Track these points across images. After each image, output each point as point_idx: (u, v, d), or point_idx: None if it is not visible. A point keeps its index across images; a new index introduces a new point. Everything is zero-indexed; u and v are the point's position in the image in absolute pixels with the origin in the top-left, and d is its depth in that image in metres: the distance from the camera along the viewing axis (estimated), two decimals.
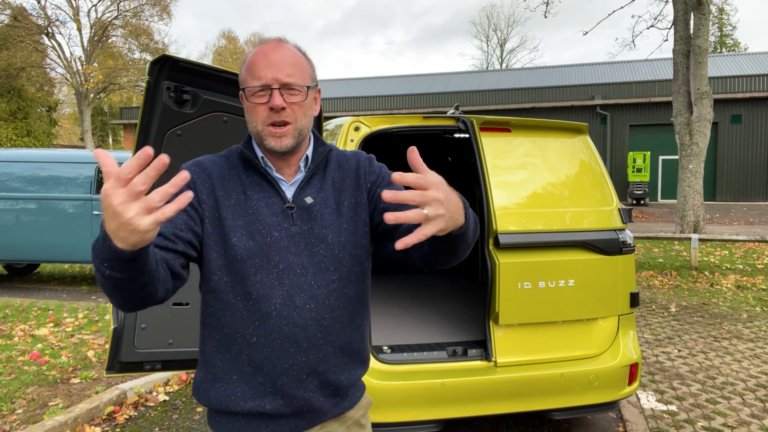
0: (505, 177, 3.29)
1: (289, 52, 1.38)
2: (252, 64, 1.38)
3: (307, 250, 1.38)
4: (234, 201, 1.38)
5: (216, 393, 1.40)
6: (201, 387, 1.44)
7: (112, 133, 50.94)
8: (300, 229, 1.39)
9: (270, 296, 1.35)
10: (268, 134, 1.36)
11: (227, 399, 1.39)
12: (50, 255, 8.62)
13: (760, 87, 23.81)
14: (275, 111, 1.34)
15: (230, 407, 1.39)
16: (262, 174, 1.41)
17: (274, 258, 1.36)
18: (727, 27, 47.74)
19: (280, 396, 1.38)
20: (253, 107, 1.36)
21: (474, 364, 3.12)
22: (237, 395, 1.38)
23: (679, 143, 12.78)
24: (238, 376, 1.38)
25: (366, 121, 3.24)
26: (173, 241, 1.28)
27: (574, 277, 3.20)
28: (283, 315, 1.35)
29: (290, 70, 1.35)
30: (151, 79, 2.57)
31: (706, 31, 12.45)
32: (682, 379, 4.79)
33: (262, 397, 1.37)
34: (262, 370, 1.36)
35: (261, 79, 1.34)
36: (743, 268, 10.19)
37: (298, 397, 1.39)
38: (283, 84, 1.34)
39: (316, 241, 1.39)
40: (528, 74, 32.86)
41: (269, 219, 1.37)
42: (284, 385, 1.37)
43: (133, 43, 36.51)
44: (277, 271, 1.36)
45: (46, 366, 4.79)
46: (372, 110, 28.67)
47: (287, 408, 1.39)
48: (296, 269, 1.37)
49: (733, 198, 24.31)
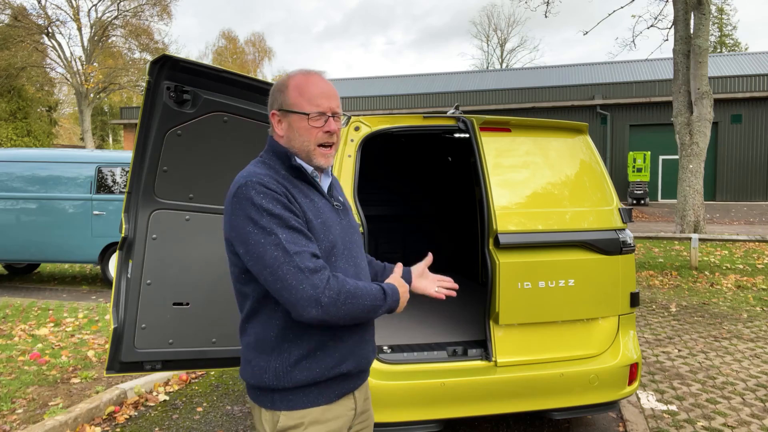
0: (505, 177, 3.29)
1: (332, 85, 1.69)
2: (307, 92, 1.63)
3: (351, 238, 1.73)
4: (306, 206, 1.63)
5: (301, 371, 1.60)
6: (281, 372, 1.60)
7: (112, 132, 50.94)
8: (345, 221, 1.74)
9: (347, 277, 1.62)
10: (319, 154, 1.65)
11: (312, 373, 1.60)
12: (50, 255, 8.62)
13: (760, 87, 23.81)
14: (329, 134, 1.64)
15: (315, 379, 1.61)
16: (310, 182, 1.68)
17: (341, 246, 1.67)
18: (727, 27, 47.74)
19: (354, 359, 1.67)
20: (310, 129, 1.63)
21: (474, 364, 3.12)
22: (321, 367, 1.61)
23: (679, 143, 12.78)
24: (321, 352, 1.61)
25: (366, 120, 3.24)
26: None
27: (574, 277, 3.20)
28: None
29: (338, 101, 1.67)
30: (152, 78, 2.57)
31: (706, 31, 12.44)
32: (682, 378, 4.79)
33: (341, 363, 1.64)
34: (343, 340, 1.64)
35: (319, 107, 1.62)
36: (743, 267, 10.19)
37: (364, 357, 1.72)
38: (334, 113, 1.64)
39: (353, 230, 1.76)
40: (528, 74, 32.85)
41: (332, 217, 1.68)
42: (360, 349, 1.69)
43: (133, 43, 36.50)
44: (345, 256, 1.67)
45: (47, 366, 4.79)
46: (372, 110, 28.68)
47: (358, 368, 1.70)
48: (353, 253, 1.71)
49: (733, 198, 24.31)
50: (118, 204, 8.37)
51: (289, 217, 1.53)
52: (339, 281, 1.53)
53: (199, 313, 2.95)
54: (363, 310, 1.57)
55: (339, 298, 1.51)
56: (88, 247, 8.48)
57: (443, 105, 26.92)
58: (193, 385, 4.66)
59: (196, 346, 2.99)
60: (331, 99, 1.63)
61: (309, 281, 1.48)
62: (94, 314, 6.76)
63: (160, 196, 2.84)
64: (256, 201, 1.51)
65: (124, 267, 2.87)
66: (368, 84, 33.76)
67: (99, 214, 8.43)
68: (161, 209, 2.86)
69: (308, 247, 1.52)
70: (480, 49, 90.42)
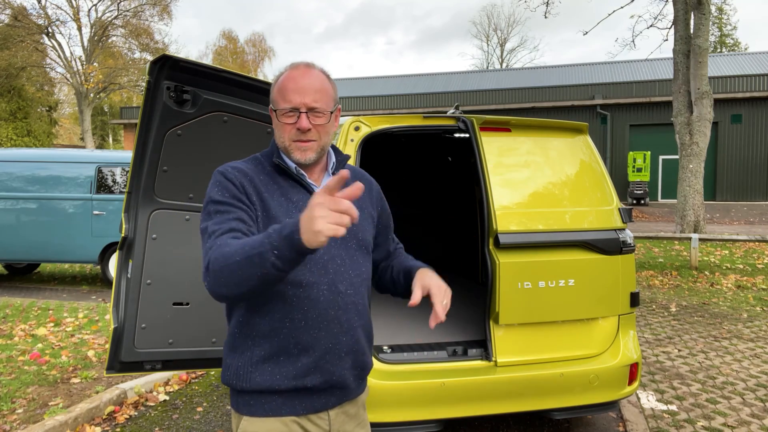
0: (505, 177, 3.28)
1: (316, 79, 1.56)
2: (283, 87, 1.55)
3: (344, 244, 1.59)
4: (278, 203, 1.55)
5: (261, 374, 1.52)
6: (241, 372, 1.54)
7: (112, 132, 50.93)
8: None
9: (318, 283, 1.53)
10: (294, 148, 1.56)
11: (272, 379, 1.52)
12: (50, 255, 8.62)
13: (760, 87, 23.80)
14: (301, 131, 1.53)
15: (274, 386, 1.52)
16: (297, 180, 1.60)
17: (319, 250, 1.43)
18: (727, 27, 47.73)
19: (321, 373, 1.54)
20: (283, 126, 1.56)
21: (474, 364, 3.12)
22: (283, 374, 1.52)
23: (679, 143, 12.78)
24: (284, 357, 1.52)
25: (366, 120, 3.23)
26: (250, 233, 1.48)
27: (574, 277, 3.20)
28: (330, 300, 1.54)
29: (316, 96, 1.54)
30: (152, 78, 2.57)
31: (706, 31, 12.44)
32: (682, 378, 4.79)
33: (305, 375, 1.53)
34: (308, 350, 1.52)
35: (291, 103, 1.53)
36: (743, 267, 10.19)
37: (337, 374, 1.56)
38: (310, 108, 1.53)
39: (350, 237, 1.60)
40: (528, 74, 32.84)
41: None
42: (327, 363, 1.54)
43: (134, 43, 36.49)
44: (323, 261, 1.54)
45: (47, 366, 4.79)
46: (372, 110, 28.67)
47: (327, 384, 1.56)
48: (337, 260, 1.57)
49: (733, 198, 24.30)
50: (118, 204, 8.37)
51: (231, 203, 1.46)
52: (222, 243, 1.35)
53: (199, 313, 2.95)
54: (241, 263, 1.27)
55: (219, 258, 1.32)
56: (88, 247, 8.48)
57: (443, 105, 26.91)
58: (193, 385, 4.66)
59: (196, 346, 2.99)
60: (306, 94, 1.52)
61: (207, 255, 1.38)
62: (94, 314, 6.76)
63: (160, 196, 2.84)
64: (209, 189, 1.53)
65: (124, 267, 2.87)
66: (368, 84, 33.75)
67: (99, 214, 8.43)
68: (161, 209, 2.86)
69: (226, 224, 1.41)
70: (480, 49, 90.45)
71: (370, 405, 2.89)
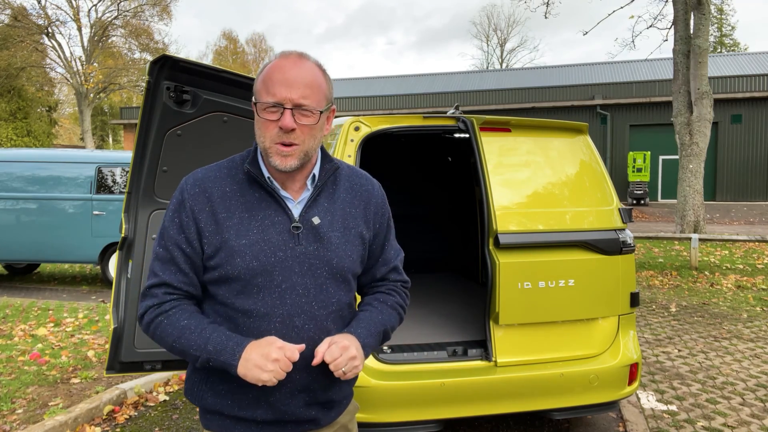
0: (505, 177, 3.29)
1: (308, 71, 1.34)
2: (268, 78, 1.34)
3: (311, 271, 1.39)
4: (237, 221, 1.38)
5: (213, 396, 1.44)
6: (196, 389, 1.48)
7: (112, 133, 50.93)
8: (305, 249, 1.39)
9: (271, 315, 1.37)
10: (275, 152, 1.34)
11: (224, 403, 1.43)
12: (50, 255, 8.62)
13: (760, 87, 23.81)
14: (284, 131, 1.32)
15: (224, 411, 1.43)
16: (269, 192, 1.40)
17: (277, 278, 1.37)
18: (726, 27, 47.72)
19: (272, 409, 1.41)
20: (264, 123, 1.34)
21: (474, 364, 3.12)
22: (234, 401, 1.42)
23: (679, 143, 12.78)
24: (237, 385, 1.39)
25: (366, 120, 3.23)
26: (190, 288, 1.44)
27: (574, 277, 3.20)
28: (282, 334, 1.36)
29: (305, 91, 1.32)
30: (151, 79, 2.57)
31: (706, 31, 12.44)
32: (682, 379, 4.79)
33: (254, 407, 1.41)
34: (257, 384, 1.33)
35: (275, 96, 1.31)
36: (743, 267, 10.19)
37: (289, 412, 1.43)
38: (296, 105, 1.32)
39: (320, 263, 1.40)
40: (528, 74, 32.85)
41: (275, 238, 1.37)
42: (276, 401, 1.41)
43: (134, 43, 36.51)
44: (280, 290, 1.37)
45: (46, 366, 4.79)
46: (372, 110, 28.66)
47: (276, 419, 1.43)
48: (298, 289, 1.38)
49: (733, 198, 24.31)
50: (118, 204, 8.36)
51: (172, 248, 1.39)
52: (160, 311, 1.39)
53: None
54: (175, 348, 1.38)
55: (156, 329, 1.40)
56: (88, 247, 8.48)
57: (443, 105, 26.91)
58: None
59: None
60: (293, 88, 1.30)
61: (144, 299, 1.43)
62: (94, 314, 6.76)
63: (160, 196, 2.84)
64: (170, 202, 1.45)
65: (124, 267, 2.87)
66: (368, 84, 33.75)
67: (99, 214, 8.43)
68: (161, 209, 2.86)
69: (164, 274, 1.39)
70: (480, 49, 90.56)
71: (371, 405, 2.90)
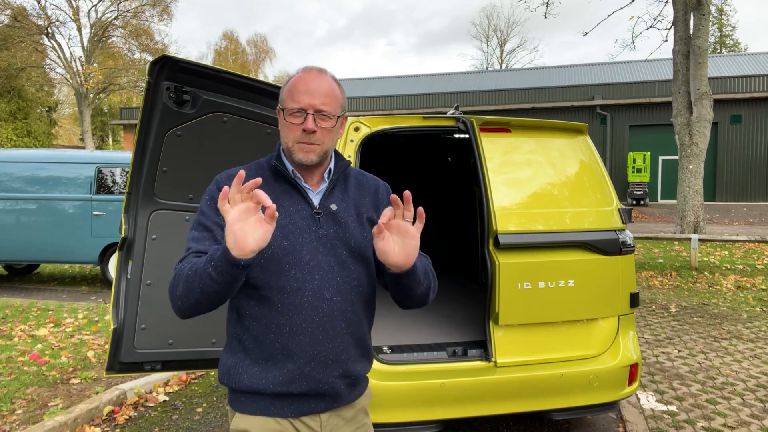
0: (505, 177, 3.29)
1: (326, 83, 1.59)
2: (293, 88, 1.58)
3: (333, 250, 1.58)
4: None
5: (249, 377, 1.56)
6: (233, 371, 1.59)
7: (112, 133, 50.91)
8: (326, 231, 1.59)
9: (303, 289, 1.53)
10: (298, 149, 1.57)
11: (259, 383, 1.55)
12: (50, 255, 8.62)
13: (760, 87, 23.81)
14: (307, 133, 1.55)
15: (261, 389, 1.55)
16: (292, 184, 1.61)
17: (305, 256, 1.55)
18: (726, 27, 47.74)
19: (306, 381, 1.55)
20: (289, 126, 1.57)
21: (474, 365, 3.12)
22: (269, 379, 1.54)
23: (679, 143, 12.79)
24: (272, 363, 1.54)
25: (366, 121, 3.24)
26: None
27: (574, 278, 3.20)
28: (314, 306, 1.53)
29: (325, 99, 1.57)
30: (151, 79, 2.57)
31: (705, 32, 12.45)
32: (682, 379, 4.79)
33: (290, 382, 1.54)
34: (293, 357, 1.52)
35: (299, 103, 1.55)
36: (743, 268, 10.19)
37: (323, 382, 1.56)
38: (317, 110, 1.55)
39: (340, 243, 1.59)
40: (528, 74, 32.85)
41: (300, 222, 1.57)
42: (312, 371, 1.54)
43: (133, 44, 36.51)
44: (309, 267, 1.54)
45: (46, 366, 4.79)
46: (372, 110, 28.67)
47: (312, 391, 1.56)
48: (324, 267, 1.56)
49: (733, 198, 24.31)
50: (118, 204, 8.37)
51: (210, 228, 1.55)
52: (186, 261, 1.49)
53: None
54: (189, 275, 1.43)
55: (178, 273, 1.48)
56: (87, 247, 8.48)
57: (443, 105, 26.92)
58: (192, 386, 4.66)
59: (196, 347, 2.99)
60: (314, 96, 1.55)
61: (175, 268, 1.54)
62: (94, 315, 6.76)
63: (160, 196, 2.85)
64: (205, 194, 1.63)
65: (124, 267, 2.87)
66: (368, 84, 33.76)
67: (99, 214, 8.43)
68: (161, 209, 2.86)
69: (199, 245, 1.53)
70: (480, 49, 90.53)
71: (371, 406, 2.89)
